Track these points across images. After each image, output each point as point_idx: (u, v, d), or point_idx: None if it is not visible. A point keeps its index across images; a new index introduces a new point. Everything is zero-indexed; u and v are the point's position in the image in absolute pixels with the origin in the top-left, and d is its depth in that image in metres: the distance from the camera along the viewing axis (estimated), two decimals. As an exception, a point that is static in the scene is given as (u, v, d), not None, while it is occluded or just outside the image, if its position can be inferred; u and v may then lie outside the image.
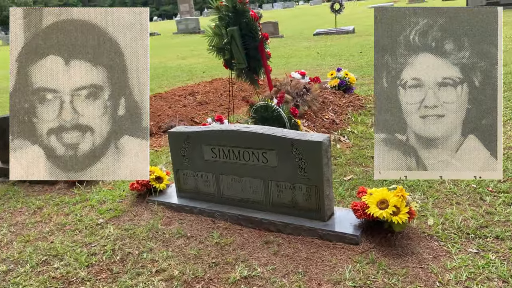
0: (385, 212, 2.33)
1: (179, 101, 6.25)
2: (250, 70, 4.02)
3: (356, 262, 2.34)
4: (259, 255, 2.52)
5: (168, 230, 2.89)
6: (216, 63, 11.19)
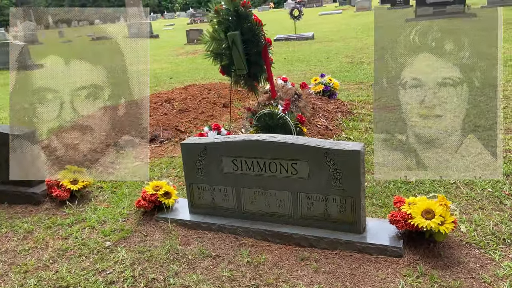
0: (433, 223, 2.27)
1: (157, 108, 5.93)
2: (250, 77, 3.85)
3: (405, 275, 2.25)
4: (299, 273, 2.37)
5: (189, 250, 2.66)
6: (182, 68, 10.90)
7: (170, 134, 5.03)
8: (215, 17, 3.74)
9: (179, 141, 4.91)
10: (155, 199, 3.03)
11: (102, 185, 3.76)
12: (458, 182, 3.27)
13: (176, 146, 4.75)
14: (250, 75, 3.85)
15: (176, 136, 5.03)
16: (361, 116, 5.19)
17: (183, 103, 6.22)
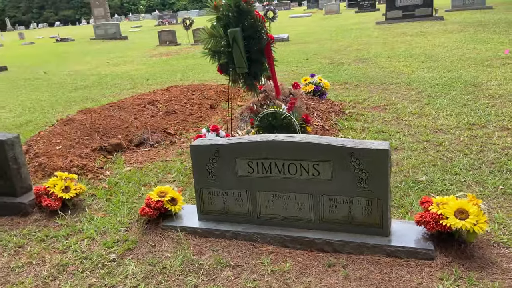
0: (468, 223, 2.19)
1: (142, 111, 5.66)
2: (249, 75, 3.69)
3: (442, 279, 2.16)
4: (329, 281, 2.23)
5: (205, 260, 2.47)
6: (158, 70, 10.58)
7: (159, 137, 4.79)
8: (214, 13, 3.56)
9: (169, 144, 4.68)
10: (161, 206, 2.82)
11: (95, 192, 3.50)
12: (468, 180, 3.24)
13: (168, 149, 4.52)
14: (250, 74, 3.68)
15: (166, 139, 4.79)
16: (354, 115, 5.13)
17: (168, 104, 5.97)
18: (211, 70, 9.67)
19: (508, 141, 4.00)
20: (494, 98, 5.47)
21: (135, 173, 3.88)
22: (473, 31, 12.32)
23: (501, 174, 3.30)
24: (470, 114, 4.89)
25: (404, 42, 11.38)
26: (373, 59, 9.21)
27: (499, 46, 9.44)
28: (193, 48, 14.91)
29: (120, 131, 4.86)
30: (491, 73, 6.90)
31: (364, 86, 6.71)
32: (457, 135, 4.27)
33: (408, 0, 16.30)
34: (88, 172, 3.88)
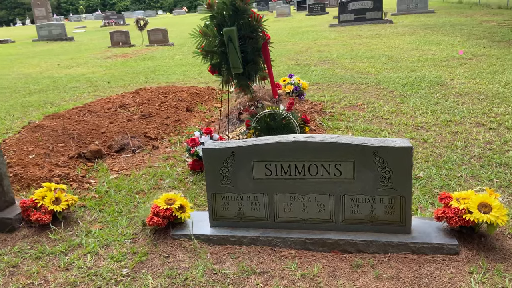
0: (492, 216, 2.25)
1: (115, 115, 5.37)
2: (243, 75, 3.60)
3: (471, 273, 2.19)
4: (362, 282, 2.20)
5: (227, 268, 2.35)
6: (117, 72, 10.13)
7: (140, 142, 4.56)
8: (207, 12, 3.43)
9: (152, 149, 4.47)
10: (170, 214, 2.66)
11: (85, 203, 3.25)
12: (463, 175, 3.36)
13: (152, 154, 4.31)
14: (244, 74, 3.59)
15: (147, 144, 4.57)
16: (335, 115, 5.18)
17: (141, 108, 5.72)
18: (177, 72, 9.43)
19: (487, 136, 4.21)
20: (462, 96, 5.74)
21: (124, 181, 3.65)
22: (423, 34, 12.96)
23: (492, 168, 3.45)
24: (444, 112, 5.10)
25: (362, 44, 11.73)
26: (337, 60, 9.40)
27: (451, 48, 9.99)
28: (150, 50, 14.48)
29: (96, 136, 4.57)
30: (451, 73, 7.27)
31: (336, 86, 6.82)
32: (438, 132, 4.43)
33: (359, 4, 16.86)
34: (72, 181, 3.60)
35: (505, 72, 7.02)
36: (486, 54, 8.86)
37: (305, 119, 3.64)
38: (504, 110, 5.00)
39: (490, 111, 5.00)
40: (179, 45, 15.29)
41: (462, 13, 19.74)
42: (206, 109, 5.92)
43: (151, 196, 3.33)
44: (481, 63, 7.92)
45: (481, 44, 10.18)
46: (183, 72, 9.41)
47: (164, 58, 12.01)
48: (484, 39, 11.02)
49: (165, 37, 15.21)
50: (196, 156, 3.58)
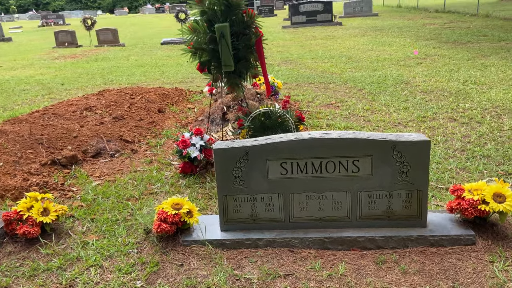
0: (507, 205, 2.31)
1: (84, 118, 5.02)
2: (234, 73, 3.48)
3: (492, 262, 2.24)
4: (391, 278, 2.17)
5: (249, 273, 2.24)
6: (69, 74, 9.55)
7: (117, 146, 4.29)
8: (198, 7, 3.28)
9: (130, 152, 4.22)
10: (179, 219, 2.49)
11: (72, 213, 2.98)
12: (453, 167, 3.47)
13: (132, 158, 4.07)
14: (235, 72, 3.48)
15: (125, 148, 4.31)
16: (314, 114, 5.19)
17: (110, 110, 5.40)
18: (136, 73, 9.05)
19: (463, 130, 4.39)
20: (428, 93, 5.99)
21: (109, 187, 3.40)
22: (374, 35, 13.46)
23: (477, 160, 3.60)
24: (416, 108, 5.28)
25: (319, 45, 11.95)
26: (299, 60, 9.50)
27: (403, 48, 10.44)
28: (100, 50, 13.82)
29: (68, 141, 4.24)
30: (411, 72, 7.57)
31: (305, 86, 6.86)
32: (416, 128, 4.57)
33: (310, 6, 17.21)
34: (53, 190, 3.29)
35: (460, 71, 7.42)
36: (437, 54, 9.34)
37: (301, 117, 3.60)
38: (470, 106, 5.26)
39: (458, 107, 5.25)
40: (130, 46, 14.74)
41: (404, 16, 20.79)
42: (179, 110, 5.71)
43: (144, 202, 3.13)
44: (435, 63, 8.33)
45: (431, 45, 10.73)
46: (143, 73, 9.06)
47: (118, 59, 11.51)
48: (432, 40, 11.63)
49: (115, 37, 14.59)
50: (188, 158, 3.42)
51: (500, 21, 15.22)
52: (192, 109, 5.71)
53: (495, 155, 3.68)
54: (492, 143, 3.98)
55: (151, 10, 58.63)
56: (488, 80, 6.56)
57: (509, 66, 7.50)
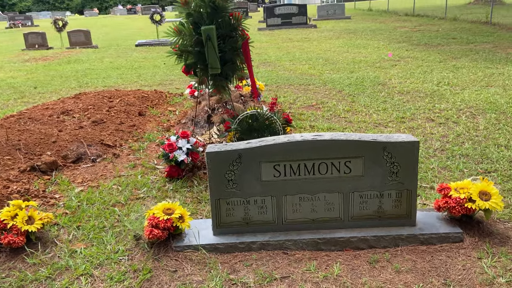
0: (492, 203, 2.39)
1: (62, 122, 4.88)
2: (221, 76, 3.46)
3: (480, 258, 2.31)
4: (385, 277, 2.21)
5: (245, 277, 2.23)
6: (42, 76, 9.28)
7: (98, 151, 4.19)
8: (183, 9, 3.25)
9: (112, 157, 4.13)
10: (171, 225, 2.46)
11: (57, 220, 2.89)
12: (435, 167, 3.56)
13: (115, 163, 3.98)
14: (222, 74, 3.47)
15: (106, 152, 4.21)
16: (296, 115, 5.23)
17: (88, 113, 5.28)
18: (112, 75, 8.88)
19: (440, 130, 4.52)
20: (404, 95, 6.13)
21: (93, 194, 3.32)
22: (349, 38, 13.69)
23: (457, 159, 3.71)
24: (395, 109, 5.39)
25: (295, 47, 12.05)
26: (277, 62, 9.55)
27: (377, 50, 10.66)
28: (72, 52, 13.48)
29: (47, 146, 4.11)
30: (387, 73, 7.74)
31: (285, 88, 6.90)
32: (396, 128, 4.67)
33: (285, 9, 17.34)
34: (35, 197, 3.19)
35: (433, 72, 7.64)
36: (410, 56, 9.58)
37: (288, 119, 3.62)
38: (445, 106, 5.42)
39: (434, 108, 5.39)
40: (104, 47, 14.44)
41: (375, 20, 21.22)
42: (160, 113, 5.63)
43: (131, 207, 3.07)
44: (409, 65, 8.54)
45: (403, 47, 11.00)
46: (119, 75, 8.89)
47: (92, 61, 11.26)
48: (404, 43, 11.92)
49: (88, 39, 14.27)
50: (175, 162, 3.37)
51: (467, 24, 15.75)
52: (174, 111, 5.65)
53: (473, 154, 3.80)
54: (470, 142, 4.11)
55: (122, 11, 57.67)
56: (460, 82, 6.78)
57: (479, 68, 7.77)
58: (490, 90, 6.06)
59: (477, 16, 17.01)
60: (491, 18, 14.95)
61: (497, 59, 8.52)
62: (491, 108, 5.16)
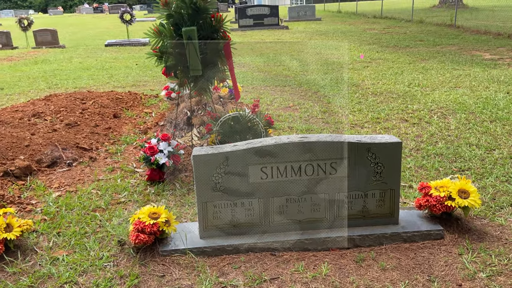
0: (471, 200, 2.49)
1: (33, 125, 4.71)
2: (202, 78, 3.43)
3: (461, 254, 2.40)
4: (371, 275, 2.26)
5: (234, 280, 2.23)
6: (8, 77, 8.92)
7: (74, 154, 4.08)
8: (164, 10, 3.21)
9: (89, 161, 4.03)
10: (157, 229, 2.43)
11: (36, 227, 2.79)
12: (412, 166, 3.67)
13: (92, 167, 3.89)
14: (203, 76, 3.45)
15: (82, 156, 4.11)
16: (274, 116, 5.25)
17: (60, 116, 5.12)
18: (83, 76, 8.64)
19: (415, 130, 4.66)
20: (378, 96, 6.28)
21: (72, 199, 3.23)
22: (320, 39, 13.88)
23: (431, 158, 3.83)
24: (370, 110, 5.51)
25: (269, 48, 12.10)
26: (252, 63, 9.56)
27: (349, 52, 10.86)
28: (39, 52, 13.04)
29: (19, 150, 3.96)
30: (360, 75, 7.90)
31: (261, 89, 6.92)
32: (372, 128, 4.78)
33: (257, 10, 17.40)
34: (10, 203, 3.07)
35: (403, 74, 7.85)
36: (381, 58, 9.82)
37: (270, 121, 3.63)
38: (418, 107, 5.59)
39: (407, 108, 5.55)
40: (72, 47, 14.05)
41: (345, 21, 21.62)
42: (136, 115, 5.54)
43: (113, 212, 3.01)
44: (381, 66, 8.75)
45: (374, 49, 11.25)
46: (90, 76, 8.68)
47: (60, 61, 10.94)
48: (374, 44, 12.20)
49: (54, 39, 13.84)
50: (156, 165, 3.33)
51: (433, 26, 16.28)
52: (150, 113, 5.56)
53: (447, 153, 3.93)
54: (443, 142, 4.25)
55: (88, 10, 56.27)
56: (430, 83, 7.00)
57: (447, 70, 8.05)
58: (458, 91, 6.29)
59: (442, 19, 17.61)
60: (455, 21, 15.52)
61: (463, 61, 8.85)
62: (460, 109, 5.36)
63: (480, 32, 13.66)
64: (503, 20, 15.87)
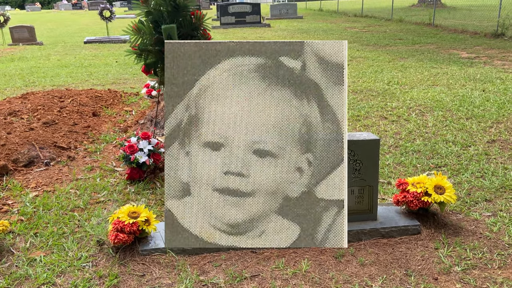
0: (447, 196, 2.55)
1: (10, 124, 4.61)
2: (181, 76, 3.42)
3: (437, 248, 2.46)
4: (350, 270, 2.29)
5: (215, 278, 2.23)
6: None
7: (52, 153, 4.01)
8: (143, 7, 3.18)
9: (67, 160, 3.97)
10: (137, 228, 2.41)
11: (12, 228, 2.74)
12: (391, 163, 3.73)
13: (71, 166, 3.83)
14: (182, 75, 3.42)
15: (60, 155, 4.04)
16: (255, 115, 5.26)
17: (37, 114, 5.02)
18: (61, 74, 8.49)
19: (393, 128, 4.73)
20: (358, 93, 6.35)
21: (49, 199, 3.17)
22: (302, 37, 13.95)
23: (410, 155, 3.90)
24: (350, 108, 5.57)
25: (250, 46, 12.10)
26: (233, 61, 9.54)
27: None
28: (15, 49, 12.74)
29: (-6, 149, 3.88)
30: (340, 73, 7.96)
31: (242, 87, 6.92)
32: (352, 126, 4.84)
33: (239, 7, 17.37)
34: (-15, 204, 3.00)
35: (383, 72, 7.96)
36: (361, 56, 9.93)
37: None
38: (396, 105, 5.68)
39: (386, 106, 5.63)
40: (50, 44, 13.77)
41: (326, 20, 21.78)
42: (115, 113, 5.47)
43: (92, 212, 2.97)
44: (361, 64, 8.85)
45: (354, 47, 11.37)
46: (69, 74, 8.53)
47: (38, 59, 10.71)
48: (355, 43, 12.32)
49: (32, 35, 13.54)
50: (136, 164, 3.30)
51: (412, 25, 16.54)
52: (130, 111, 5.50)
53: (424, 150, 4.01)
54: (420, 139, 4.33)
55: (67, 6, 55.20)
56: (409, 81, 7.12)
57: (425, 68, 8.19)
58: (436, 89, 6.41)
59: (421, 18, 17.91)
60: (434, 20, 15.81)
61: (440, 59, 9.02)
62: (438, 106, 5.47)
63: (457, 31, 13.94)
64: (479, 20, 16.23)
